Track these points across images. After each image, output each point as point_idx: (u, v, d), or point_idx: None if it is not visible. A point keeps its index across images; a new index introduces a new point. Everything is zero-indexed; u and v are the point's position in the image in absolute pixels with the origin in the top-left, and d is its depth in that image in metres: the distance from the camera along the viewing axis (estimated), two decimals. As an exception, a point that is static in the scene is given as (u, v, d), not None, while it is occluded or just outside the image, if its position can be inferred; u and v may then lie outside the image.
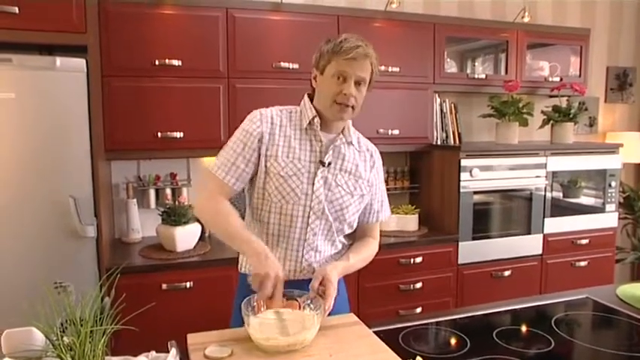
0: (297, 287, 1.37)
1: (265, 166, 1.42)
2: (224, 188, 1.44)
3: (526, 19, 3.22)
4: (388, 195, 1.65)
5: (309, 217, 1.43)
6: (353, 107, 1.41)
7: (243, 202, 1.51)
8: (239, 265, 1.55)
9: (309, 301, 1.32)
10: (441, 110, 3.08)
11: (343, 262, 1.45)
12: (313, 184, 1.42)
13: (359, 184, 1.49)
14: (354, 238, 1.62)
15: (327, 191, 1.44)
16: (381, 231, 1.68)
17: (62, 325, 1.00)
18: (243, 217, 1.61)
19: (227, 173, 1.43)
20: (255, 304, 1.29)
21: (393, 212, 2.85)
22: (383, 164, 1.62)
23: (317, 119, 1.44)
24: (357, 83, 1.40)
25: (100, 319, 1.00)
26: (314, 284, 1.34)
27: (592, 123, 3.83)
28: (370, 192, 1.54)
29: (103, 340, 1.00)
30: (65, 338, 0.98)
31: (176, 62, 2.40)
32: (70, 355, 0.96)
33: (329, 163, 1.44)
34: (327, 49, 1.40)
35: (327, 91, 1.40)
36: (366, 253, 1.56)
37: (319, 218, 1.44)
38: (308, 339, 1.21)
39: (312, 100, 1.48)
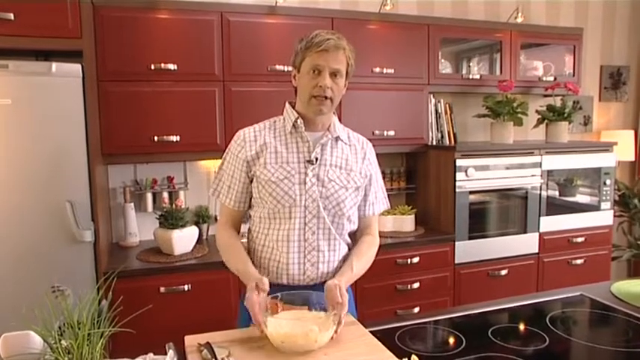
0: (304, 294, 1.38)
1: (256, 175, 1.47)
2: (229, 211, 1.56)
3: (519, 20, 3.24)
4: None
5: (305, 216, 1.44)
6: (331, 99, 1.44)
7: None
8: None
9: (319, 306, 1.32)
10: (436, 111, 3.10)
11: (345, 277, 1.43)
12: (305, 183, 1.44)
13: (351, 177, 1.50)
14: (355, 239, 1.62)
15: (321, 188, 1.45)
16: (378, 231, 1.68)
17: (60, 328, 1.01)
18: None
19: (226, 197, 1.54)
20: (270, 305, 1.30)
21: (389, 213, 2.87)
22: (379, 165, 1.63)
23: (300, 120, 1.47)
24: (333, 75, 1.42)
25: (97, 322, 1.01)
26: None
27: (586, 122, 3.85)
28: (364, 183, 1.55)
29: (100, 343, 1.00)
30: (63, 341, 0.99)
31: (172, 66, 2.41)
32: (68, 358, 0.97)
33: (316, 159, 1.46)
34: (301, 47, 1.44)
35: (304, 86, 1.44)
36: (367, 254, 1.56)
37: (316, 217, 1.45)
38: (325, 340, 1.22)
39: (294, 107, 1.52)
